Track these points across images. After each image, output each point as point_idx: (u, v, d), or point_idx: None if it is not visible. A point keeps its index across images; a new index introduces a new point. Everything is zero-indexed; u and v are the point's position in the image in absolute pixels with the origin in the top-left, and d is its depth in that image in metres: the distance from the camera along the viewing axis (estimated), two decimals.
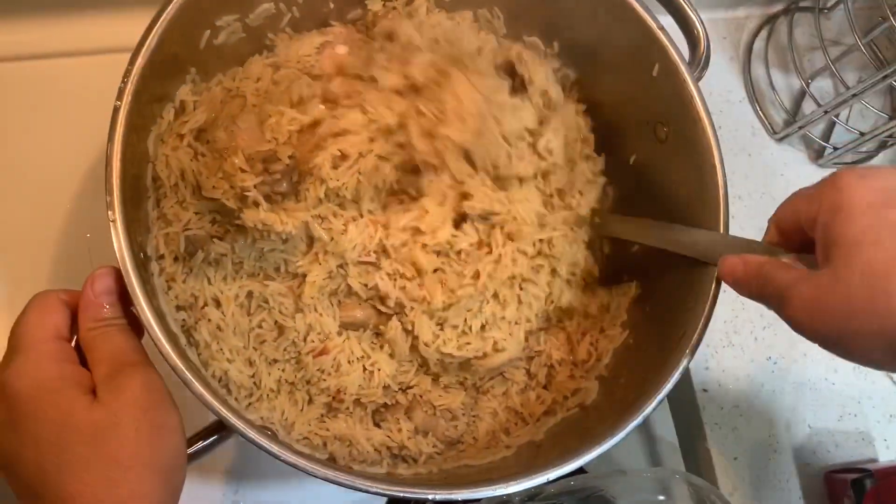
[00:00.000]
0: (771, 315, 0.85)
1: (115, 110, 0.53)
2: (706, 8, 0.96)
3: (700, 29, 0.69)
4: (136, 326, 0.53)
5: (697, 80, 0.66)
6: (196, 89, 0.65)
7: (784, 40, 0.95)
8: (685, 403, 0.83)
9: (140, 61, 0.54)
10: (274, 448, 0.51)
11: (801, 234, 0.53)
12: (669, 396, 0.82)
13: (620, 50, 0.69)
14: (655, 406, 0.58)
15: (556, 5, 0.70)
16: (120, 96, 0.53)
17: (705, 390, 0.82)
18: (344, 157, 0.60)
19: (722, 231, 0.62)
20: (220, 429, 0.54)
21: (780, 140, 0.95)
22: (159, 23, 0.56)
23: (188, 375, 0.51)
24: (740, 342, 0.85)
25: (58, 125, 0.74)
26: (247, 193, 0.58)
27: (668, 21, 0.69)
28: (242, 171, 0.59)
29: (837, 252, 0.46)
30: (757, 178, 0.93)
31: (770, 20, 0.98)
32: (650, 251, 0.67)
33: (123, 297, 0.52)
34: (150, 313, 0.51)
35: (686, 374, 0.82)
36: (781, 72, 0.97)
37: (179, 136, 0.62)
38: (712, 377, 0.83)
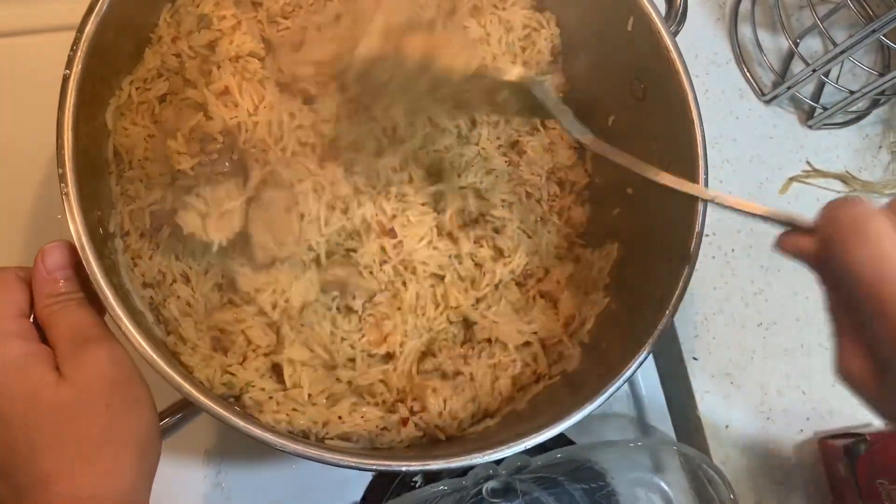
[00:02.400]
0: (762, 281, 0.85)
1: (65, 79, 0.51)
2: None
3: None
4: (95, 301, 0.51)
5: (675, 33, 0.64)
6: (156, 52, 0.62)
7: (771, 1, 0.92)
8: (675, 372, 0.82)
9: (90, 27, 0.52)
10: (240, 423, 0.50)
11: None
12: (658, 365, 0.82)
13: (595, 4, 0.67)
14: (636, 368, 0.56)
15: None
16: (69, 65, 0.51)
17: (695, 358, 0.81)
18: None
19: (702, 183, 0.61)
20: (189, 404, 0.52)
21: (769, 102, 0.92)
22: None
23: (150, 353, 0.49)
24: (730, 309, 0.83)
25: (21, 106, 0.72)
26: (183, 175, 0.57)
27: None
28: (179, 153, 0.58)
29: None
30: (746, 141, 0.90)
31: None
32: (631, 214, 0.65)
33: (79, 271, 0.50)
34: (108, 288, 0.49)
35: (674, 342, 0.81)
36: (769, 32, 0.94)
37: (140, 108, 0.61)
38: (702, 345, 0.81)
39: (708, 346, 0.81)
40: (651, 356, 0.78)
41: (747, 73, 0.93)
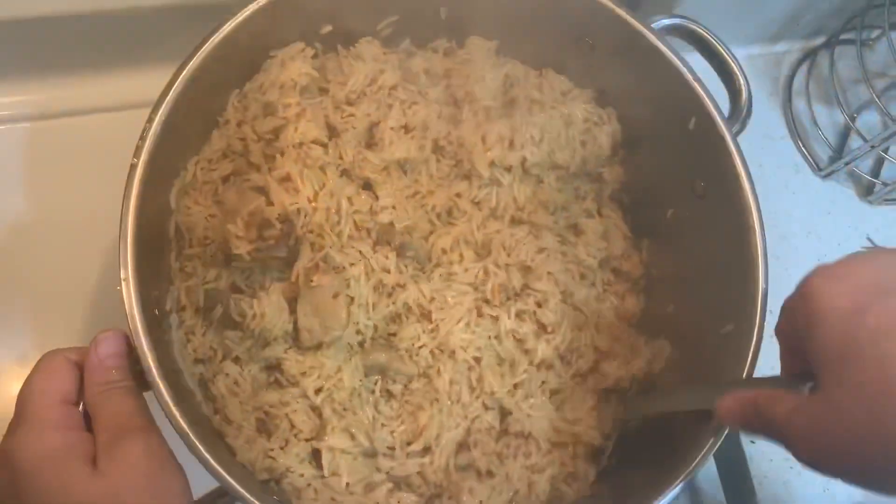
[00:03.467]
0: None
1: (132, 168, 0.53)
2: (744, 44, 0.95)
3: (742, 81, 0.66)
4: (144, 383, 0.52)
5: (738, 132, 0.64)
6: (223, 134, 0.65)
7: (826, 74, 0.91)
8: (732, 457, 0.79)
9: (160, 112, 0.55)
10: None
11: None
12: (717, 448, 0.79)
13: (656, 102, 0.66)
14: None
15: (589, 58, 0.69)
16: (137, 154, 0.53)
17: (753, 442, 0.78)
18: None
19: (760, 297, 0.59)
20: (225, 494, 0.52)
21: (826, 177, 0.91)
22: (179, 80, 0.56)
23: (192, 439, 0.50)
24: None
25: (89, 178, 0.75)
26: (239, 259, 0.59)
27: (705, 65, 0.67)
28: (238, 237, 0.59)
29: (825, 371, 0.42)
30: (801, 216, 0.89)
31: (810, 54, 0.95)
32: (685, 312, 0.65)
33: (129, 358, 0.51)
34: (157, 369, 0.50)
35: None
36: (824, 107, 0.93)
37: (204, 188, 0.63)
38: None
39: None
40: None
41: (803, 148, 0.92)
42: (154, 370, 0.50)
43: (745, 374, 0.57)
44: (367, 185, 0.65)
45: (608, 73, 0.70)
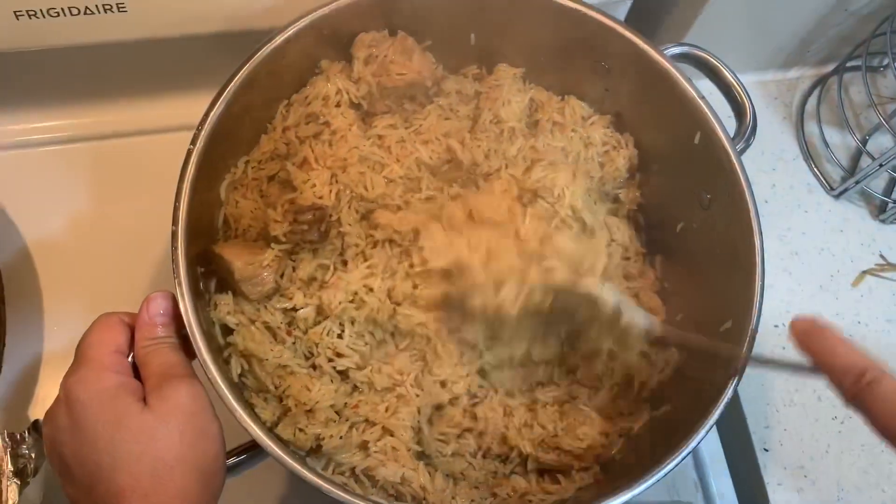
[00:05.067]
0: None
1: (188, 153, 0.60)
2: (757, 70, 0.99)
3: (746, 100, 0.71)
4: (186, 347, 0.58)
5: (743, 149, 0.69)
6: (270, 138, 0.71)
7: (836, 99, 0.95)
8: (745, 463, 0.81)
9: (214, 112, 0.62)
10: (299, 468, 0.55)
11: None
12: (728, 456, 0.82)
13: (666, 121, 0.71)
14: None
15: (606, 82, 0.74)
16: (193, 141, 0.60)
17: (766, 449, 0.80)
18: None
19: (756, 296, 0.63)
20: (256, 446, 0.57)
21: (838, 196, 0.94)
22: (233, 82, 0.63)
23: (224, 391, 0.56)
24: (802, 401, 0.83)
25: (140, 194, 0.81)
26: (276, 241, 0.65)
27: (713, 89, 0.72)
28: (276, 221, 0.66)
29: None
30: (815, 234, 0.92)
31: (821, 80, 0.99)
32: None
33: (176, 319, 0.57)
34: (200, 337, 0.56)
35: (744, 432, 0.81)
36: (836, 129, 0.97)
37: (251, 184, 0.69)
38: (773, 436, 0.81)
39: (779, 437, 0.81)
40: (720, 445, 0.80)
41: (815, 169, 0.95)
42: (196, 334, 0.56)
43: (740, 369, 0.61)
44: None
45: (623, 97, 0.74)
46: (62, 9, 0.70)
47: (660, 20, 0.92)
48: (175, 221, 0.58)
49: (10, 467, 0.60)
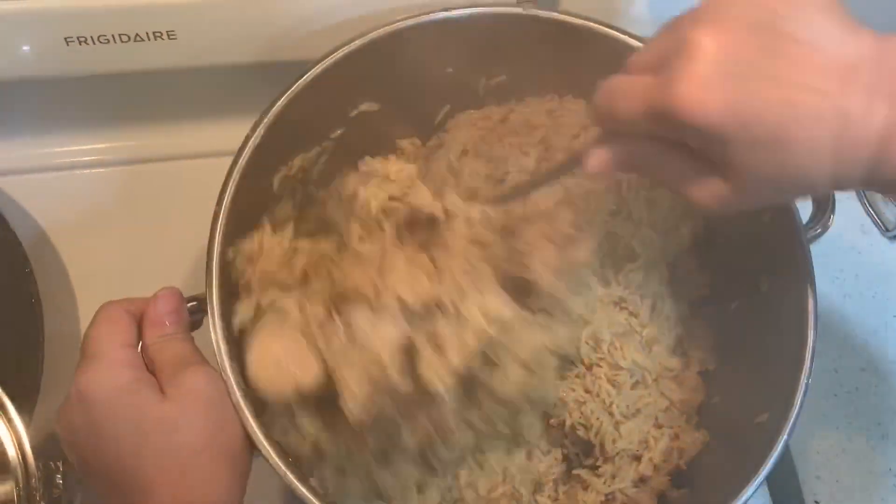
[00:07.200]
0: (891, 424, 0.81)
1: (247, 138, 0.61)
2: None
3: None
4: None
5: (819, 235, 0.66)
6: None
7: None
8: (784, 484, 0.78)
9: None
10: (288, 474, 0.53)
11: None
12: None
13: None
14: None
15: None
16: (253, 129, 0.61)
17: (817, 502, 0.77)
18: None
19: (800, 394, 0.59)
20: None
21: (894, 238, 0.91)
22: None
23: (231, 380, 0.54)
24: (855, 451, 0.80)
25: (176, 216, 0.81)
26: None
27: None
28: None
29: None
30: (868, 276, 0.89)
31: None
32: None
33: (184, 313, 0.57)
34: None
35: (794, 482, 0.78)
36: None
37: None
38: (825, 488, 0.78)
39: (831, 490, 0.78)
40: (769, 500, 0.77)
41: (870, 209, 0.92)
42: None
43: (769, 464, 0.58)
44: None
45: None
46: (112, 35, 0.70)
47: None
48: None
49: (45, 498, 0.59)
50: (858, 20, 0.42)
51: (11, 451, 0.56)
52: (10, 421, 0.57)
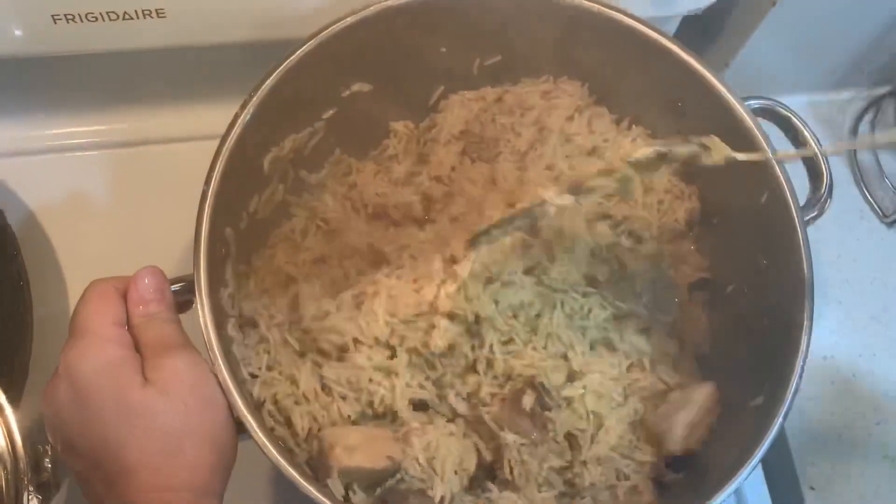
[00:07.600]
0: (887, 409, 0.81)
1: (236, 116, 0.60)
2: (808, 91, 0.96)
3: (824, 166, 0.67)
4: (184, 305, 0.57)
5: (816, 217, 0.66)
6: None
7: (891, 121, 0.91)
8: (791, 502, 0.78)
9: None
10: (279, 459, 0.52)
11: None
12: (773, 496, 0.78)
13: (733, 171, 0.63)
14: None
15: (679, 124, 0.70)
16: (243, 107, 0.60)
17: (812, 488, 0.77)
18: None
19: (795, 376, 0.59)
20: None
21: (892, 224, 0.90)
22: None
23: (219, 360, 0.54)
24: (851, 437, 0.79)
25: (167, 200, 0.79)
26: None
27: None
28: None
29: None
30: (867, 262, 0.88)
31: (875, 102, 0.95)
32: None
33: (167, 291, 0.56)
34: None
35: (790, 470, 0.78)
36: (890, 154, 0.93)
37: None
38: (821, 473, 0.77)
39: (827, 475, 0.77)
40: (764, 484, 0.76)
41: (868, 196, 0.91)
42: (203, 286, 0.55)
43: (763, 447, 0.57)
44: None
45: None
46: (101, 13, 0.68)
47: (711, 39, 0.89)
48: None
49: (33, 482, 0.58)
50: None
51: None
52: None
